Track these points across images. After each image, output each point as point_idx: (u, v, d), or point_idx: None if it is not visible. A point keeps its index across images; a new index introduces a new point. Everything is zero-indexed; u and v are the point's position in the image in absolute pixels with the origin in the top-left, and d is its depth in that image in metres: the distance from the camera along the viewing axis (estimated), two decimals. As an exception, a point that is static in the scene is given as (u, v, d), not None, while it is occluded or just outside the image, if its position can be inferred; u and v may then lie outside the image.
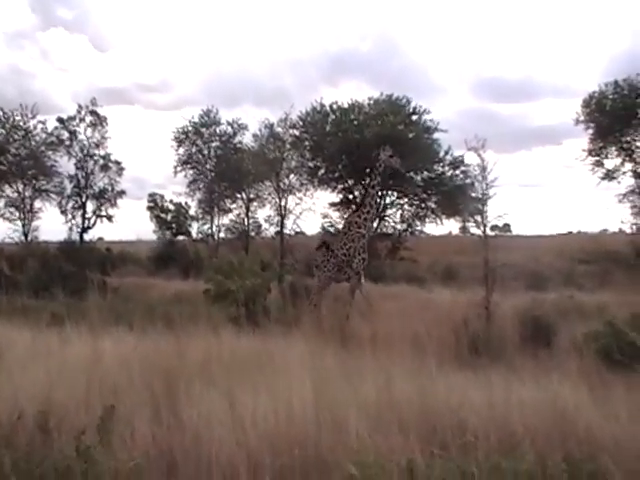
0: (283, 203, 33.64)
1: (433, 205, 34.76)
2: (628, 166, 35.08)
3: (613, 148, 35.31)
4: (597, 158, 35.55)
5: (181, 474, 4.92)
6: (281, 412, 5.53)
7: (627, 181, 35.09)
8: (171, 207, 38.71)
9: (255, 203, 35.76)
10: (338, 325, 12.78)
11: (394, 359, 7.74)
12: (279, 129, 33.99)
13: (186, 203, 37.99)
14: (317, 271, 15.83)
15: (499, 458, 4.60)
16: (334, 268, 15.21)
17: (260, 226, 36.54)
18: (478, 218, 15.16)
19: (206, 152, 36.62)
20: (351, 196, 35.32)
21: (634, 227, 34.78)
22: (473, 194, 32.04)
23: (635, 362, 7.31)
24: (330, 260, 15.36)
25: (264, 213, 50.04)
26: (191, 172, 36.61)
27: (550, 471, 4.42)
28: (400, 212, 35.55)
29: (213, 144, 36.69)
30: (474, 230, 17.61)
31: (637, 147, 34.98)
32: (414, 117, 34.47)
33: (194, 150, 36.61)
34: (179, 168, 36.33)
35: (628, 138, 34.95)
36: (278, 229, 34.19)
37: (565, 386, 6.44)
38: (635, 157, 34.93)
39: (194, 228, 38.11)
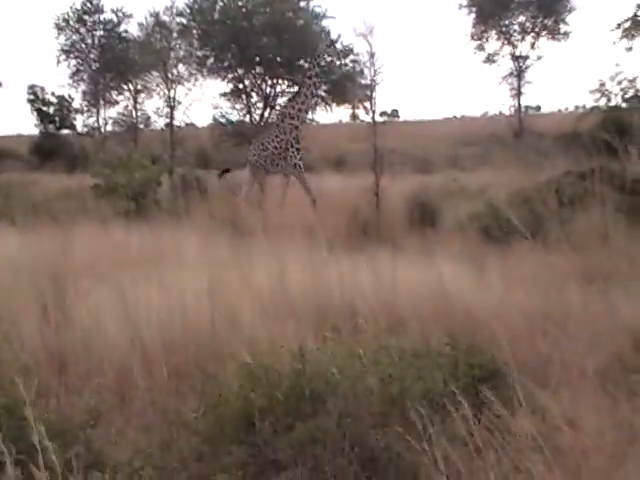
0: (172, 94, 32.74)
1: (323, 94, 34.55)
2: (507, 49, 36.13)
3: (493, 32, 36.08)
4: (478, 42, 36.35)
5: (72, 375, 4.87)
6: (174, 306, 5.54)
7: (506, 64, 36.22)
8: (53, 100, 36.54)
9: (143, 94, 34.64)
10: (230, 215, 12.68)
11: (287, 247, 7.85)
12: (165, 17, 32.65)
13: (69, 95, 35.97)
14: (248, 165, 15.44)
15: (386, 338, 4.83)
16: (265, 161, 14.79)
17: (149, 118, 35.45)
18: (367, 105, 15.19)
19: (89, 41, 34.72)
20: (241, 85, 34.52)
21: (512, 109, 36.21)
22: (362, 81, 32.25)
23: (510, 237, 7.73)
24: (261, 154, 14.97)
25: (152, 105, 49.05)
26: (74, 62, 34.71)
27: (434, 346, 4.68)
28: (290, 101, 35.16)
29: (97, 33, 34.77)
30: (364, 117, 17.76)
31: (515, 30, 35.87)
32: (302, 4, 33.64)
33: (76, 39, 34.54)
34: (62, 58, 34.32)
35: (507, 22, 35.75)
36: (168, 121, 33.31)
37: (448, 264, 6.76)
38: (513, 41, 35.86)
39: (79, 121, 36.33)
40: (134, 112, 34.81)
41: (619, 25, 31.85)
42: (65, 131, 36.78)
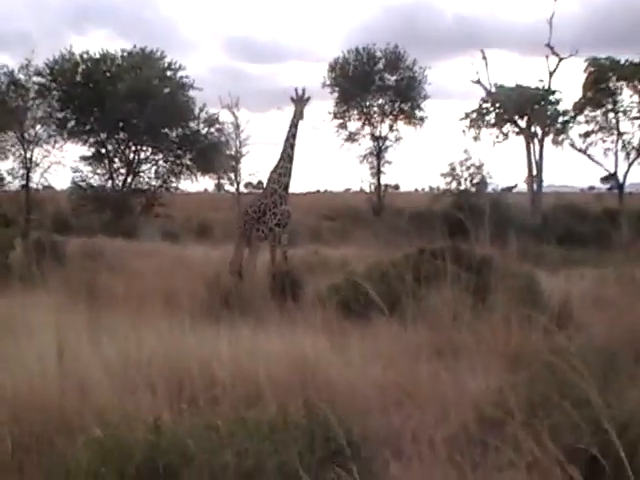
0: (29, 155, 31.74)
1: (188, 162, 34.65)
2: (367, 129, 38.16)
3: (355, 112, 38.06)
4: (341, 121, 38.17)
5: None
6: (21, 378, 5.24)
7: (366, 143, 38.18)
8: None
9: (-4, 154, 32.97)
10: (88, 283, 12.24)
11: (146, 316, 7.67)
12: (21, 76, 31.68)
13: None
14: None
15: (244, 409, 4.80)
16: (245, 226, 14.06)
17: (2, 179, 33.93)
18: (232, 175, 15.36)
19: None
20: (103, 150, 33.97)
21: (372, 186, 38.00)
22: (227, 151, 32.67)
23: (369, 310, 7.98)
24: (242, 218, 14.31)
25: (6, 165, 46.73)
26: None
27: (291, 418, 4.69)
28: (155, 168, 35.00)
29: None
30: (228, 187, 17.96)
31: (374, 112, 38.01)
32: (169, 72, 33.94)
33: None
34: None
35: (367, 103, 37.86)
36: (24, 183, 32.00)
37: (308, 336, 6.86)
38: (373, 121, 37.96)
39: None
40: (-15, 172, 33.14)
41: (467, 115, 34.67)
42: None
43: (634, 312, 8.42)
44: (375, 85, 37.65)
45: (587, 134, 33.46)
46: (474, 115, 34.65)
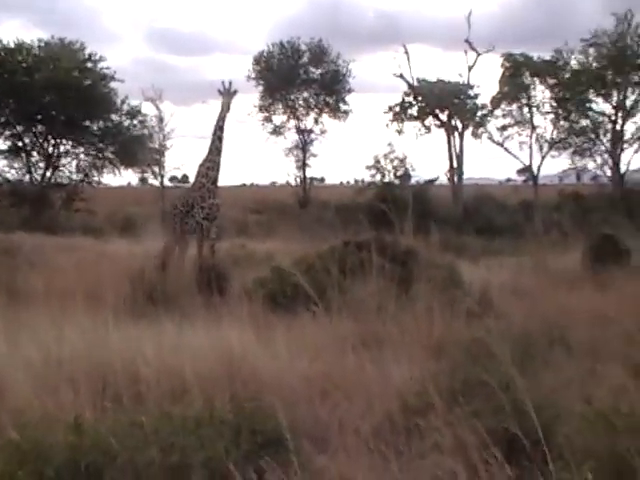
0: (-61, 148, 30.28)
1: (110, 155, 33.83)
2: (293, 123, 38.22)
3: (280, 105, 38.06)
4: (266, 114, 38.08)
5: None
6: None
7: (292, 136, 38.24)
8: None
9: None
10: (6, 279, 11.83)
11: (68, 313, 7.48)
12: None
13: None
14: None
15: (169, 405, 4.75)
16: (174, 219, 13.59)
17: None
18: (156, 169, 15.11)
19: None
20: (21, 143, 32.80)
21: (298, 179, 38.09)
22: (151, 145, 32.09)
23: (295, 304, 8.02)
24: (172, 212, 13.83)
25: None
26: None
27: (217, 413, 4.68)
28: (76, 162, 34.02)
29: None
30: (152, 181, 17.67)
31: (300, 105, 38.11)
32: (89, 64, 33.01)
33: None
34: None
35: (292, 97, 37.92)
36: None
37: (234, 330, 6.84)
38: (298, 114, 38.05)
39: None
40: None
41: (390, 108, 35.19)
42: None
43: (548, 300, 8.76)
44: (300, 79, 37.69)
45: (504, 127, 34.60)
46: (397, 109, 35.19)
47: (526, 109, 34.33)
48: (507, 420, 4.36)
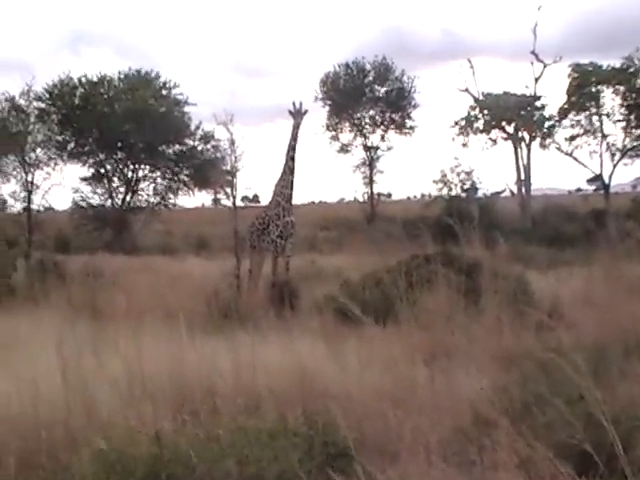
0: (30, 178, 31.99)
1: (185, 178, 34.89)
2: (359, 140, 38.43)
3: (347, 124, 38.32)
4: (333, 133, 38.45)
5: None
6: (25, 394, 5.34)
7: (359, 154, 38.44)
8: None
9: (-1, 178, 33.14)
10: (90, 299, 12.34)
11: (147, 331, 7.76)
12: (22, 101, 32.05)
13: None
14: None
15: (244, 419, 4.92)
16: (252, 238, 14.06)
17: (5, 202, 34.36)
18: (228, 190, 15.47)
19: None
20: (103, 170, 34.20)
21: (365, 195, 38.24)
22: (223, 167, 32.76)
23: (365, 316, 8.10)
24: (250, 230, 14.32)
25: (9, 188, 46.95)
26: None
27: (290, 426, 4.81)
28: (153, 185, 35.24)
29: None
30: (225, 201, 17.95)
31: (366, 123, 38.29)
32: (164, 91, 34.21)
33: None
34: None
35: (358, 115, 38.16)
36: (25, 205, 32.26)
37: (306, 343, 6.98)
38: (364, 132, 38.22)
39: None
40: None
41: (456, 123, 34.98)
42: None
43: (622, 309, 8.54)
44: (366, 97, 37.90)
45: (572, 137, 33.90)
46: (463, 122, 34.93)
47: (595, 118, 33.56)
48: (579, 433, 4.29)
